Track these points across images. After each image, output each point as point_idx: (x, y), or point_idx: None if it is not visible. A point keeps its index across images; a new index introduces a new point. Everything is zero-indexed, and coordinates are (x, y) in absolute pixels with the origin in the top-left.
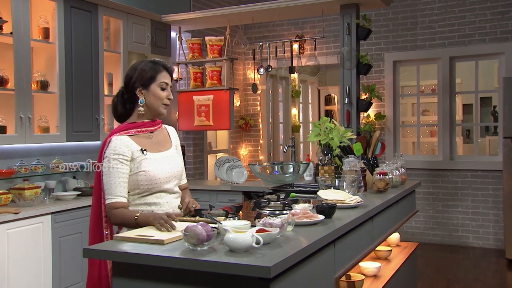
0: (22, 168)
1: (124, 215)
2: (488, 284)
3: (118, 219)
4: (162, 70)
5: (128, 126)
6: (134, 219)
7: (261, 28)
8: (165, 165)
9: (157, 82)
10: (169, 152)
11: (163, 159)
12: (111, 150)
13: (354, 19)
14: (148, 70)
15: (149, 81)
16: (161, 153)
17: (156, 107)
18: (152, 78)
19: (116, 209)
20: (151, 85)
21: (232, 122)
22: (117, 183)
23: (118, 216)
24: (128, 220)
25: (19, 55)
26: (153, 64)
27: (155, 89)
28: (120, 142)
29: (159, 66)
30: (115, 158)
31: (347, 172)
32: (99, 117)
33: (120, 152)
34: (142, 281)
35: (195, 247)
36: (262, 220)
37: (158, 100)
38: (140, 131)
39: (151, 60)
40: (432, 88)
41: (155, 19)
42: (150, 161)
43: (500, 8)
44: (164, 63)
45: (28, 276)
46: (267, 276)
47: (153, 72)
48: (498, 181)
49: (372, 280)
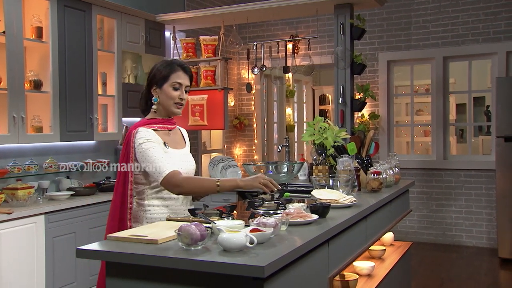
0: (15, 168)
1: (202, 180)
2: (481, 282)
3: (192, 184)
4: (177, 70)
5: (151, 121)
6: (215, 185)
7: (256, 27)
8: (182, 162)
9: (170, 82)
10: (184, 150)
11: (181, 156)
12: (142, 138)
13: (348, 19)
14: (162, 69)
15: (162, 80)
16: (179, 150)
17: (168, 107)
18: (165, 77)
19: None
20: (164, 85)
21: (226, 122)
22: (162, 159)
23: (193, 182)
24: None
25: (12, 54)
26: (169, 64)
27: (167, 88)
28: (149, 133)
29: (174, 66)
30: (149, 140)
31: (341, 171)
32: (93, 117)
33: (153, 139)
34: (136, 281)
35: (189, 247)
36: (256, 220)
37: (170, 99)
38: (161, 127)
39: (169, 60)
40: (426, 88)
41: (149, 19)
42: (171, 155)
43: (493, 9)
44: (181, 63)
45: (21, 276)
46: (261, 275)
47: (167, 72)
48: (491, 181)
49: (366, 279)
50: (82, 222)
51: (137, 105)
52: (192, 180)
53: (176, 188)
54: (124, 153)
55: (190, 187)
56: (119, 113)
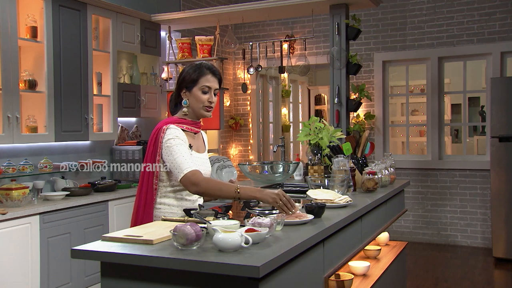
0: (9, 168)
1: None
2: (476, 282)
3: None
4: (206, 74)
5: (181, 120)
6: (235, 191)
7: (251, 27)
8: (201, 166)
9: (199, 85)
10: (204, 154)
11: (201, 160)
12: (172, 135)
13: (344, 19)
14: (192, 73)
15: (192, 83)
16: (200, 154)
17: (197, 110)
18: (195, 81)
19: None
20: (194, 88)
21: (222, 122)
22: (186, 157)
23: (212, 184)
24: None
25: (7, 54)
26: (198, 67)
27: (197, 92)
28: (178, 131)
29: (204, 70)
30: (178, 138)
31: (336, 171)
32: (88, 117)
33: (181, 137)
34: (131, 282)
35: (184, 247)
36: (251, 220)
37: (199, 103)
38: (190, 128)
39: (199, 63)
40: (421, 88)
41: (144, 19)
42: (193, 158)
43: (488, 9)
44: (210, 67)
45: (16, 277)
46: (256, 275)
47: (197, 75)
48: (485, 180)
49: (361, 279)
50: (77, 222)
51: (132, 105)
52: (212, 182)
53: (194, 186)
54: (152, 149)
55: (209, 187)
56: (114, 113)
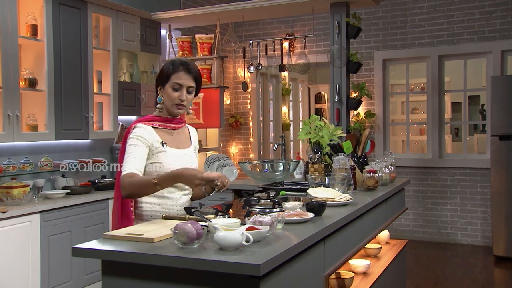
0: (10, 166)
1: (142, 180)
2: (476, 280)
3: (133, 186)
4: (178, 70)
5: (152, 118)
6: (152, 183)
7: (251, 26)
8: (181, 162)
9: (170, 82)
10: (187, 150)
11: (180, 155)
12: (136, 133)
13: (344, 17)
14: (165, 69)
15: (164, 80)
16: (180, 150)
17: (168, 107)
18: (167, 77)
19: (129, 180)
20: (166, 85)
21: (222, 120)
22: (136, 159)
23: (134, 183)
24: (146, 184)
25: (7, 52)
26: (172, 64)
27: (168, 89)
28: (144, 130)
29: (177, 66)
30: (138, 138)
31: (337, 170)
32: (88, 115)
33: (144, 136)
34: (132, 280)
35: (185, 245)
36: (252, 218)
37: (170, 100)
38: (164, 125)
39: (175, 60)
40: (422, 87)
41: (144, 17)
42: (168, 154)
43: (488, 8)
44: (185, 62)
45: (16, 275)
46: (257, 274)
47: (169, 72)
48: (486, 179)
49: (361, 277)
50: (77, 220)
51: (132, 103)
52: (134, 182)
53: (122, 190)
54: (121, 149)
55: (132, 189)
56: (115, 112)
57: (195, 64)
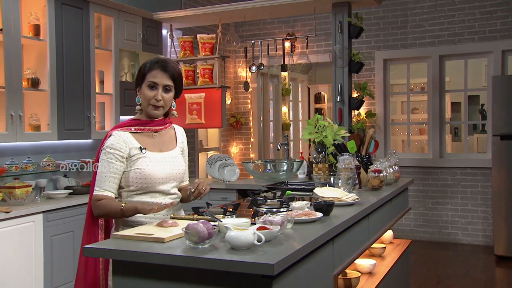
0: (12, 166)
1: (110, 205)
2: (478, 280)
3: (102, 210)
4: (153, 69)
5: (130, 123)
6: (119, 209)
7: (252, 26)
8: (163, 166)
9: (145, 82)
10: (171, 153)
11: (163, 159)
12: (109, 144)
13: (346, 17)
14: (142, 68)
15: (141, 80)
16: (162, 153)
17: (145, 108)
18: (143, 76)
19: (101, 200)
20: (142, 84)
21: (224, 120)
22: (107, 177)
23: (102, 207)
24: (114, 210)
25: (10, 52)
26: (149, 62)
27: (144, 88)
28: (119, 138)
29: (153, 65)
30: (111, 152)
31: (342, 169)
32: (90, 115)
33: (117, 147)
34: (143, 280)
35: (196, 245)
36: (262, 218)
37: (145, 100)
38: (143, 129)
39: (153, 58)
40: (421, 87)
41: (146, 17)
42: (148, 160)
43: (489, 8)
44: (161, 60)
45: (19, 275)
46: (270, 273)
47: (145, 71)
48: (486, 179)
49: (367, 277)
50: (80, 221)
51: (133, 103)
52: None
53: (93, 209)
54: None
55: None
56: (117, 112)
57: (174, 62)
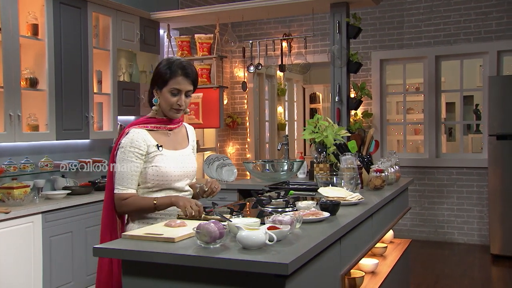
0: (10, 167)
1: (139, 202)
2: (475, 279)
3: (131, 207)
4: (177, 75)
5: (147, 120)
6: (152, 203)
7: (248, 26)
8: (178, 164)
9: (168, 87)
10: (185, 151)
11: (178, 157)
12: (128, 142)
13: (345, 18)
14: (163, 73)
15: (162, 84)
16: (177, 151)
17: (166, 111)
18: (165, 82)
19: (126, 199)
20: (164, 89)
21: (221, 120)
22: (129, 176)
23: (131, 205)
24: (146, 206)
25: (8, 51)
26: (170, 67)
27: (166, 93)
28: (138, 135)
29: (176, 70)
30: (131, 150)
31: (344, 169)
32: (88, 115)
33: (137, 145)
34: (153, 280)
35: (207, 245)
36: (272, 217)
37: (168, 104)
38: (158, 127)
39: (172, 62)
40: (416, 87)
41: (144, 16)
42: (164, 157)
43: (484, 8)
44: (183, 66)
45: (18, 276)
46: (284, 273)
47: (167, 77)
48: (482, 178)
49: (370, 276)
50: (78, 221)
51: (132, 103)
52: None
53: (118, 208)
54: (113, 152)
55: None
56: (114, 112)
57: (192, 64)
